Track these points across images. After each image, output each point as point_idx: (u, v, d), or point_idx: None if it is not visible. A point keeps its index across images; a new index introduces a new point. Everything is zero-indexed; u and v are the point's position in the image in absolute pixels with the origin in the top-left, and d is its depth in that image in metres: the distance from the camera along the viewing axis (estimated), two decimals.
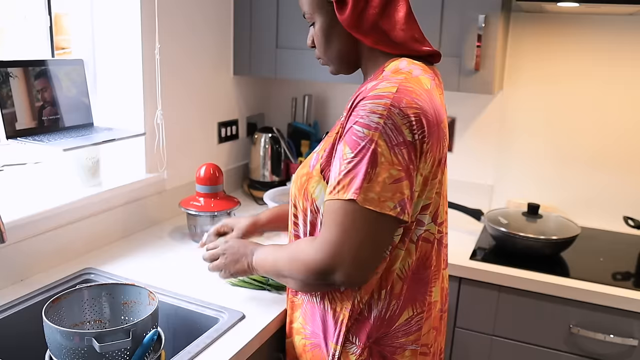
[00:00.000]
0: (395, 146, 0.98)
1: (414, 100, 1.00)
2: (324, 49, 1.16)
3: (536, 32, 2.07)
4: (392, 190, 0.98)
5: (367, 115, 0.99)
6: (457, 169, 2.26)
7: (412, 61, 1.10)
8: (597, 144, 2.07)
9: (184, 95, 1.99)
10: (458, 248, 1.84)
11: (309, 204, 1.12)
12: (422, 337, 1.15)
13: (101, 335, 1.00)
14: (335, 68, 1.19)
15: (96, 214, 1.66)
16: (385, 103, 0.99)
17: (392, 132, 0.98)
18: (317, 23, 1.14)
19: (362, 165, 0.98)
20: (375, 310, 1.11)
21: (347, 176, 0.99)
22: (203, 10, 2.01)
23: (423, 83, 1.06)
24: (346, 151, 1.00)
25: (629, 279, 1.71)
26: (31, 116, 1.60)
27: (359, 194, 0.97)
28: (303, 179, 1.13)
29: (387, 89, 1.01)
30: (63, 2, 1.76)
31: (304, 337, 1.20)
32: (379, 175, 0.97)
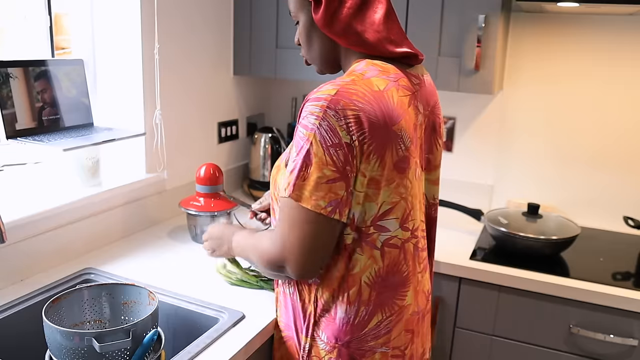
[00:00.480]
0: (330, 147, 1.01)
1: (353, 102, 1.02)
2: (306, 49, 1.19)
3: (536, 32, 2.07)
4: (325, 189, 1.02)
5: (306, 117, 1.03)
6: (457, 169, 2.26)
7: (371, 62, 1.10)
8: (597, 144, 2.07)
9: (184, 95, 1.99)
10: (458, 248, 1.84)
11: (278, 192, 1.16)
12: (393, 340, 1.15)
13: (101, 335, 1.00)
14: (318, 67, 1.22)
15: (96, 214, 1.66)
16: (322, 105, 1.01)
17: (327, 133, 1.01)
18: (300, 22, 1.17)
19: (298, 164, 1.02)
20: (340, 312, 1.12)
21: (290, 175, 1.04)
22: (203, 11, 2.01)
23: (374, 84, 1.05)
24: (292, 151, 1.06)
25: (629, 279, 1.71)
26: (31, 116, 1.60)
27: (292, 191, 1.02)
28: (274, 171, 1.20)
29: (327, 91, 1.03)
30: (63, 2, 1.76)
31: (281, 329, 1.26)
32: (312, 174, 1.01)
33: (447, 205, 2.02)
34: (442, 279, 1.76)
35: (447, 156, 2.28)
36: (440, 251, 1.79)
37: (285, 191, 1.04)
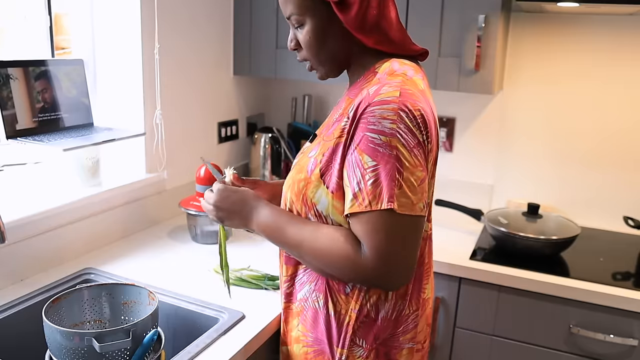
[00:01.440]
0: (413, 148, 1.00)
1: (416, 102, 1.02)
2: (315, 51, 1.12)
3: (536, 32, 2.07)
4: (420, 191, 1.01)
5: (379, 122, 0.99)
6: (457, 169, 2.26)
7: (403, 62, 1.10)
8: (597, 144, 2.07)
9: (184, 95, 1.99)
10: (458, 248, 1.84)
11: (308, 209, 1.10)
12: (418, 335, 1.17)
13: (101, 335, 1.00)
14: (325, 71, 1.16)
15: (96, 214, 1.66)
16: (393, 108, 0.99)
17: (407, 135, 0.99)
18: (308, 24, 1.10)
19: (387, 172, 0.98)
20: (382, 311, 1.11)
21: (374, 185, 0.99)
22: (203, 10, 2.01)
23: (417, 84, 1.07)
24: (365, 159, 1.00)
25: (629, 279, 1.70)
26: (31, 116, 1.60)
27: (394, 202, 0.98)
28: (301, 184, 1.11)
29: (391, 93, 1.01)
30: (63, 2, 1.76)
31: (305, 345, 1.18)
32: (407, 180, 0.99)
33: (447, 205, 2.02)
34: (442, 279, 1.76)
35: (447, 156, 2.28)
36: (440, 251, 1.79)
37: (374, 204, 0.98)
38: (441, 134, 2.26)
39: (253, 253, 1.69)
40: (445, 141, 2.27)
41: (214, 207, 1.20)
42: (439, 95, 2.23)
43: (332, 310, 1.12)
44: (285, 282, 1.21)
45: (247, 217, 1.17)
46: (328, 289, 1.12)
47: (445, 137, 2.26)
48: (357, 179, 1.01)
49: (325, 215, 1.08)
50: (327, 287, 1.12)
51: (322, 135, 1.14)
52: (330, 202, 1.07)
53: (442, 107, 2.25)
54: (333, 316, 1.12)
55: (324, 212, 1.08)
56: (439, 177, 2.27)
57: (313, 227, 1.09)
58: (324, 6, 1.08)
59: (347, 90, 1.18)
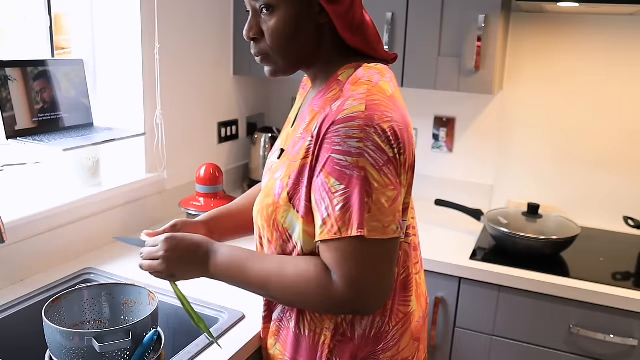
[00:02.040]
0: (382, 167, 0.93)
1: (384, 114, 0.95)
2: (283, 44, 1.01)
3: (536, 32, 2.07)
4: (392, 212, 0.94)
5: (344, 142, 0.92)
6: (457, 169, 2.26)
7: (367, 66, 1.02)
8: (597, 144, 2.07)
9: (184, 95, 1.99)
10: (458, 248, 1.84)
11: (280, 235, 1.04)
12: (401, 352, 1.09)
13: (101, 335, 1.00)
14: (282, 66, 1.05)
15: (96, 214, 1.66)
16: (359, 125, 0.92)
17: (375, 153, 0.92)
18: (281, 12, 0.99)
19: (356, 196, 0.92)
20: (359, 329, 1.05)
21: (342, 210, 0.92)
22: (203, 10, 2.01)
23: (385, 90, 0.99)
24: (332, 183, 0.93)
25: (629, 279, 1.70)
26: (31, 116, 1.60)
27: (364, 229, 0.91)
28: (270, 209, 1.04)
29: (356, 108, 0.94)
30: (63, 2, 1.76)
31: None
32: (377, 202, 0.92)
33: (447, 205, 2.02)
34: (442, 279, 1.76)
35: (447, 156, 2.28)
36: (440, 251, 1.79)
37: (344, 230, 0.92)
38: (441, 134, 2.26)
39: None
40: (445, 141, 2.27)
41: (163, 260, 1.06)
42: (438, 95, 2.24)
43: (306, 329, 1.07)
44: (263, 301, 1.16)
45: (204, 262, 1.06)
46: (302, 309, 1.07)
47: (445, 137, 2.26)
48: (325, 204, 0.94)
49: (297, 241, 1.02)
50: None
51: (287, 154, 1.06)
52: (301, 227, 1.00)
53: (442, 107, 2.25)
54: (307, 335, 1.07)
55: (296, 238, 1.02)
56: (439, 177, 2.29)
57: (278, 262, 1.02)
58: None
59: (312, 98, 1.08)
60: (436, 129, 2.27)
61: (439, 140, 2.28)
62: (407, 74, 1.95)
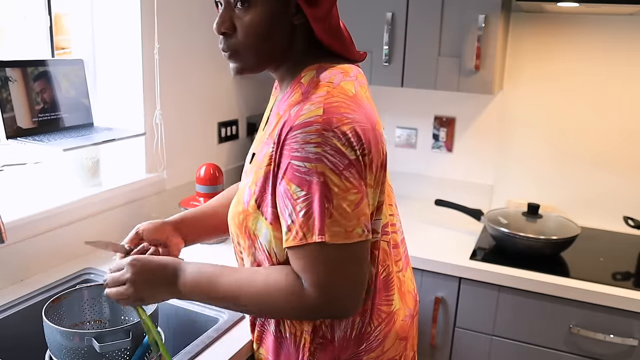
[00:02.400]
0: (343, 171, 0.91)
1: (343, 116, 0.93)
2: (255, 42, 0.99)
3: (536, 32, 2.07)
4: (356, 216, 0.92)
5: (302, 147, 0.91)
6: (457, 169, 2.26)
7: (330, 66, 1.01)
8: (597, 144, 2.07)
9: (184, 95, 1.99)
10: (458, 248, 1.84)
11: (252, 242, 1.04)
12: (386, 352, 1.08)
13: (101, 335, 1.00)
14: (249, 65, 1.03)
15: (96, 214, 1.66)
16: (316, 129, 0.90)
17: (334, 157, 0.90)
18: (255, 10, 0.97)
19: (316, 201, 0.90)
20: (339, 331, 1.04)
21: (305, 217, 0.91)
22: (203, 11, 2.01)
23: (347, 90, 0.97)
24: (293, 189, 0.92)
25: (629, 279, 1.70)
26: (31, 116, 1.60)
27: (324, 234, 0.90)
28: (240, 217, 1.03)
29: (313, 112, 0.92)
30: (63, 2, 1.76)
31: None
32: (339, 207, 0.91)
33: (447, 205, 2.02)
34: (442, 279, 1.76)
35: (447, 156, 2.28)
36: (440, 251, 1.79)
37: (308, 237, 0.91)
38: (441, 134, 2.26)
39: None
40: (445, 141, 2.27)
41: (130, 284, 1.02)
42: (438, 95, 2.24)
43: (287, 332, 1.07)
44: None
45: (172, 282, 1.02)
46: None
47: (445, 137, 2.26)
48: (288, 210, 0.93)
49: (269, 248, 1.01)
50: None
51: (256, 159, 1.05)
52: (270, 233, 0.99)
53: (442, 107, 2.25)
54: (288, 338, 1.07)
55: (266, 245, 1.01)
56: (439, 177, 2.29)
57: (248, 273, 1.00)
58: None
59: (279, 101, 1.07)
60: (436, 129, 2.27)
61: (439, 140, 2.28)
62: (407, 74, 1.95)
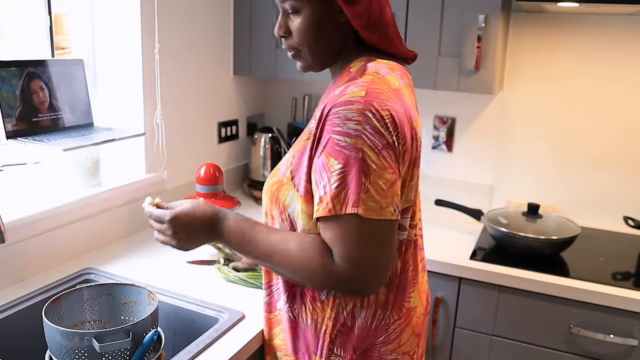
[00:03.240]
0: (381, 150, 0.96)
1: (384, 102, 0.98)
2: (308, 41, 1.08)
3: (536, 32, 2.07)
4: (390, 194, 0.97)
5: (344, 123, 0.96)
6: (457, 169, 2.26)
7: (379, 60, 1.08)
8: (597, 144, 2.07)
9: (184, 95, 1.99)
10: (458, 248, 1.84)
11: (280, 212, 1.09)
12: (402, 346, 1.12)
13: (101, 335, 1.00)
14: (310, 62, 1.12)
15: (96, 214, 1.66)
16: (357, 108, 0.96)
17: (374, 136, 0.96)
18: (305, 12, 1.06)
19: (353, 176, 0.95)
20: (359, 319, 1.08)
21: (338, 189, 0.96)
22: (203, 10, 2.01)
23: (391, 83, 1.03)
24: (331, 162, 0.97)
25: (629, 279, 1.70)
26: (31, 116, 1.60)
27: (358, 207, 0.95)
28: (274, 187, 1.09)
29: (356, 93, 0.98)
30: (63, 2, 1.76)
31: (286, 354, 1.17)
32: (375, 183, 0.95)
33: (447, 205, 2.02)
34: (442, 279, 1.76)
35: (447, 156, 2.28)
36: (440, 251, 1.79)
37: (338, 208, 0.95)
38: (441, 134, 2.26)
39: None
40: (445, 141, 2.27)
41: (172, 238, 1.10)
42: (438, 95, 2.24)
43: (308, 318, 1.10)
44: (265, 289, 1.19)
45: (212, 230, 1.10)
46: (303, 297, 1.10)
47: (445, 137, 2.26)
48: (323, 182, 0.98)
49: (295, 220, 1.06)
50: (302, 295, 1.10)
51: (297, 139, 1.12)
52: (300, 206, 1.04)
53: (442, 107, 2.25)
54: (310, 324, 1.10)
55: (294, 217, 1.06)
56: (439, 177, 2.29)
57: (283, 235, 1.06)
58: None
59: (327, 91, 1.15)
60: (436, 129, 2.27)
61: (439, 140, 2.28)
62: None
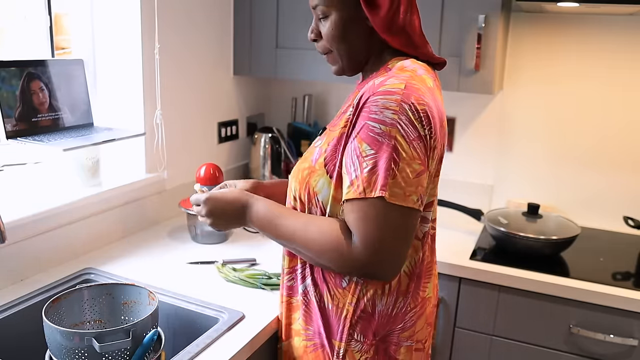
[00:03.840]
0: (413, 141, 1.00)
1: (421, 97, 1.02)
2: (337, 45, 1.14)
3: (536, 32, 2.07)
4: (415, 184, 1.01)
5: (381, 111, 1.00)
6: (457, 169, 2.26)
7: (415, 61, 1.13)
8: (597, 143, 2.07)
9: (184, 95, 1.99)
10: (458, 248, 1.84)
11: (310, 197, 1.12)
12: (417, 333, 1.17)
13: (101, 335, 1.00)
14: (342, 66, 1.17)
15: (96, 214, 1.66)
16: (396, 99, 1.00)
17: (408, 127, 1.00)
18: (333, 17, 1.12)
19: (383, 161, 0.99)
20: (379, 305, 1.12)
21: (370, 173, 1.00)
22: (203, 10, 2.01)
23: (426, 82, 1.08)
24: (364, 147, 1.01)
25: (629, 279, 1.70)
26: (31, 116, 1.60)
27: (385, 191, 0.98)
28: (305, 172, 1.13)
29: (396, 85, 1.02)
30: (63, 2, 1.76)
31: (305, 339, 1.20)
32: (403, 170, 0.99)
33: (447, 205, 2.02)
34: (442, 279, 1.76)
35: (447, 156, 2.27)
36: (440, 251, 1.78)
37: (368, 191, 0.99)
38: None
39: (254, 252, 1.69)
40: None
41: (207, 217, 1.22)
42: None
43: (329, 303, 1.14)
44: (287, 274, 1.22)
45: (242, 215, 1.19)
46: (325, 282, 1.14)
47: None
48: (354, 166, 1.02)
49: (325, 205, 1.10)
50: (325, 281, 1.14)
51: (328, 128, 1.16)
52: (331, 192, 1.08)
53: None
54: (331, 309, 1.14)
55: (324, 203, 1.10)
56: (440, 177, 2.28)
57: (305, 219, 1.11)
58: (352, 2, 1.10)
59: (358, 84, 1.21)
60: None
61: None
62: None
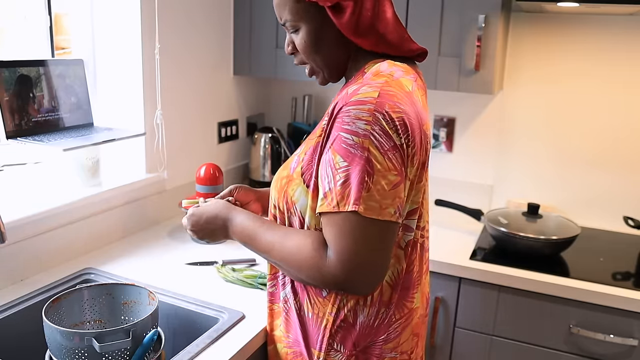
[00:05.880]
0: (387, 151, 0.97)
1: (396, 104, 0.99)
2: (312, 56, 1.12)
3: (536, 32, 2.07)
4: (392, 196, 0.97)
5: (353, 122, 0.97)
6: (457, 169, 2.26)
7: (393, 63, 1.09)
8: (597, 144, 2.07)
9: (184, 95, 1.99)
10: (458, 248, 1.84)
11: (288, 207, 1.10)
12: (402, 345, 1.13)
13: (101, 335, 1.00)
14: (324, 75, 1.15)
15: (96, 214, 1.66)
16: (369, 109, 0.97)
17: (381, 137, 0.96)
18: (303, 30, 1.10)
19: (356, 174, 0.96)
20: (361, 316, 1.09)
21: (343, 186, 0.97)
22: (203, 10, 2.02)
23: (404, 85, 1.04)
24: (337, 159, 0.98)
25: (629, 279, 1.71)
26: (31, 116, 1.60)
27: (359, 205, 0.95)
28: (283, 181, 1.11)
29: (369, 94, 0.99)
30: (63, 2, 1.76)
31: (286, 346, 1.18)
32: (377, 183, 0.96)
33: (447, 205, 2.02)
34: (442, 279, 1.76)
35: (447, 156, 2.28)
36: (440, 251, 1.79)
37: (342, 205, 0.96)
38: (441, 134, 2.26)
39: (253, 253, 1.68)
40: (445, 141, 2.27)
41: (193, 233, 1.24)
42: (438, 95, 2.24)
43: (309, 312, 1.11)
44: (269, 280, 1.20)
45: (224, 229, 1.19)
46: (306, 290, 1.11)
47: (445, 137, 2.26)
48: (328, 178, 0.99)
49: (303, 214, 1.07)
50: (305, 290, 1.12)
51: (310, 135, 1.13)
52: (308, 202, 1.06)
53: (442, 107, 2.25)
54: (310, 318, 1.11)
55: (302, 212, 1.07)
56: (439, 177, 2.29)
57: (283, 232, 1.09)
58: (318, 11, 1.07)
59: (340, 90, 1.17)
60: (436, 129, 2.27)
61: (438, 140, 2.28)
62: None
